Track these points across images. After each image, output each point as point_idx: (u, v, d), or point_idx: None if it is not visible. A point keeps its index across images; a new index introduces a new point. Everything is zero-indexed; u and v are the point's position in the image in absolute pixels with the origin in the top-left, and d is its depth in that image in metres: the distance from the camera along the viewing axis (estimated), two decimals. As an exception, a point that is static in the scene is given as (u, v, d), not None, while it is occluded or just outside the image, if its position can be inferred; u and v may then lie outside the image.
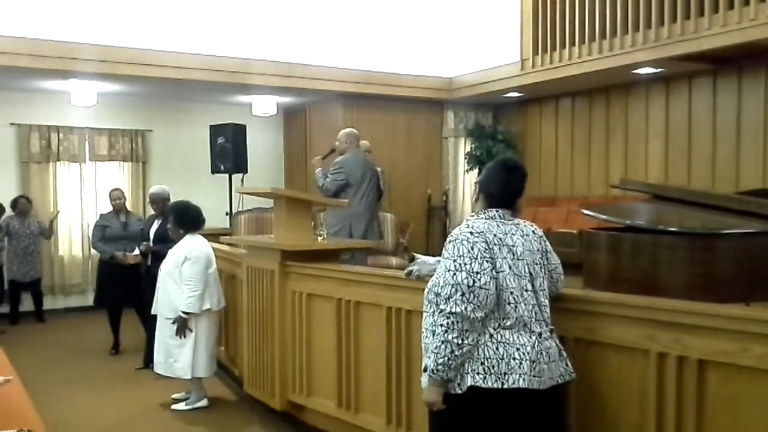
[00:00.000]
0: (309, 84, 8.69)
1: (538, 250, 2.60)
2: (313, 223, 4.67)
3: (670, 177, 8.25)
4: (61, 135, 8.85)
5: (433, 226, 10.01)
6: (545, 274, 2.59)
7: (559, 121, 9.72)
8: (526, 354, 2.39)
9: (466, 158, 10.16)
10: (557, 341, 2.54)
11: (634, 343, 2.54)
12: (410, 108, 9.86)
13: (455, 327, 2.36)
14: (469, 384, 2.38)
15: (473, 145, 10.10)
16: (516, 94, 9.58)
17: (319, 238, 4.56)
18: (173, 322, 4.84)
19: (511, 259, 2.48)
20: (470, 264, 2.40)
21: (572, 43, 8.00)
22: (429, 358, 2.44)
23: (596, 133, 9.19)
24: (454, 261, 2.43)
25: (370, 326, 3.74)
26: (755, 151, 7.43)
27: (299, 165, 10.33)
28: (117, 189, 7.05)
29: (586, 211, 5.08)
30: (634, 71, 7.88)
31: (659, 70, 7.81)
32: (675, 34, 6.88)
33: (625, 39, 7.38)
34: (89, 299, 8.96)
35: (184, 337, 4.85)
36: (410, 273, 3.17)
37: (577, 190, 9.40)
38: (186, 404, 4.99)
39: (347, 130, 6.70)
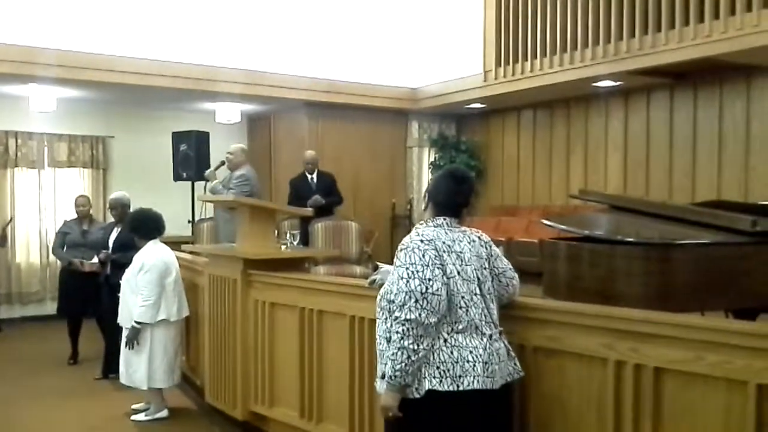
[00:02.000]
0: (273, 92, 8.67)
1: (485, 255, 2.68)
2: (276, 232, 4.65)
3: (628, 188, 8.42)
4: (19, 141, 8.67)
5: (397, 235, 10.02)
6: (492, 278, 2.68)
7: (521, 132, 9.85)
8: (479, 356, 2.48)
9: (430, 168, 10.24)
10: (506, 342, 2.63)
11: (593, 351, 2.58)
12: (375, 117, 9.90)
13: (410, 333, 2.42)
14: (427, 388, 2.45)
15: (437, 155, 10.19)
16: (479, 105, 9.68)
17: (283, 247, 4.55)
18: (129, 334, 4.79)
19: (460, 265, 2.56)
20: (422, 271, 2.48)
21: (534, 56, 8.13)
22: (386, 364, 2.49)
23: (557, 144, 9.33)
24: (407, 269, 2.50)
25: (334, 335, 3.74)
26: (710, 163, 7.63)
27: (263, 174, 10.25)
28: (83, 196, 6.95)
29: (545, 221, 5.14)
30: (594, 84, 8.04)
31: (618, 83, 7.98)
32: (633, 49, 7.05)
33: (586, 53, 7.53)
34: (47, 308, 8.80)
35: (132, 348, 4.77)
36: (373, 282, 3.17)
37: (538, 200, 9.53)
38: (146, 415, 4.92)
39: (240, 145, 7.16)
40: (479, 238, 2.71)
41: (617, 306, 2.89)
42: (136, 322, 4.74)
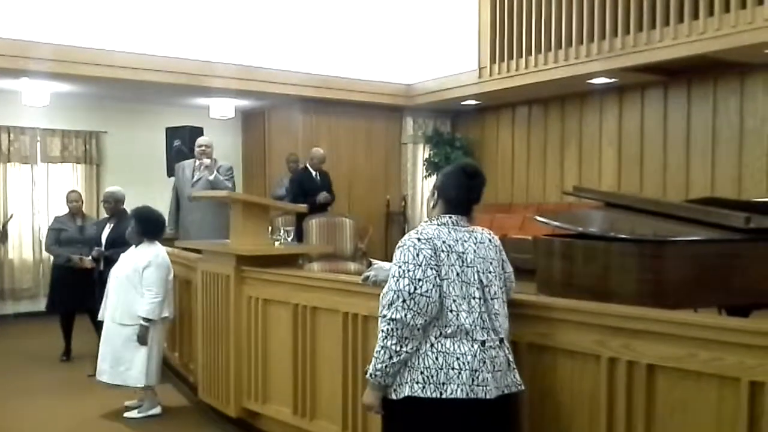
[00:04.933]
0: (268, 87, 8.66)
1: (494, 258, 2.56)
2: (269, 227, 4.64)
3: (623, 185, 8.44)
4: (11, 135, 8.63)
5: (391, 232, 10.04)
6: (501, 282, 2.58)
7: (515, 129, 9.85)
8: (466, 364, 2.36)
9: (424, 164, 10.23)
10: (508, 351, 2.51)
11: (586, 348, 2.57)
12: (369, 113, 9.89)
13: (395, 334, 2.35)
14: (406, 394, 2.37)
15: (432, 152, 10.18)
16: (474, 102, 9.68)
17: (276, 243, 4.53)
18: (139, 331, 4.73)
19: (460, 267, 2.45)
20: (413, 271, 2.38)
21: (529, 53, 8.13)
22: (371, 362, 2.44)
23: (552, 141, 9.34)
24: (399, 267, 2.41)
25: (327, 332, 3.72)
26: (703, 160, 7.65)
27: (257, 169, 10.27)
28: (74, 191, 6.90)
29: (540, 218, 5.14)
30: (589, 81, 8.05)
31: (613, 80, 7.99)
32: (628, 46, 7.05)
33: (580, 49, 7.54)
34: (40, 304, 8.72)
35: (146, 344, 4.74)
36: (367, 278, 3.17)
37: (532, 197, 9.54)
38: (139, 412, 4.90)
39: (209, 139, 7.15)
40: (490, 240, 2.59)
41: (611, 303, 2.89)
42: (144, 318, 4.71)
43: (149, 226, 5.00)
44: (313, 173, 8.12)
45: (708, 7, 6.40)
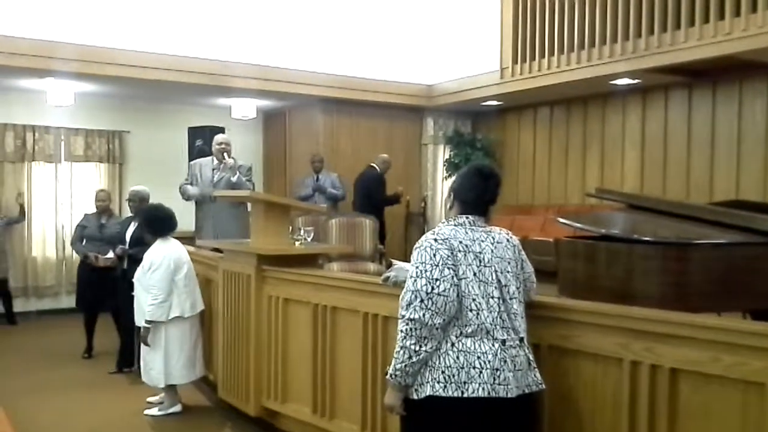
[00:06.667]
0: (289, 88, 8.68)
1: (512, 258, 2.57)
2: (290, 227, 4.65)
3: (645, 187, 8.35)
4: (36, 134, 8.74)
5: (411, 233, 10.01)
6: (519, 282, 2.58)
7: (537, 130, 9.80)
8: (487, 363, 2.37)
9: (444, 165, 10.20)
10: (528, 351, 2.52)
11: (608, 351, 2.55)
12: (390, 114, 9.89)
13: (413, 333, 2.37)
14: (428, 393, 2.39)
15: (452, 153, 10.15)
16: (495, 103, 9.63)
17: (297, 243, 4.54)
18: (142, 332, 4.80)
19: (477, 266, 2.46)
20: (430, 271, 2.40)
21: (551, 53, 8.08)
22: (391, 362, 2.47)
23: (573, 142, 9.27)
24: (416, 268, 2.44)
25: (347, 332, 3.73)
26: (728, 162, 7.55)
27: (278, 169, 10.31)
28: (103, 190, 7.01)
29: (561, 220, 5.11)
30: (612, 82, 7.98)
31: (636, 81, 7.91)
32: (652, 46, 6.98)
33: (603, 50, 7.47)
34: (63, 302, 8.88)
35: (147, 345, 4.78)
36: (387, 279, 3.17)
37: (554, 199, 9.47)
38: (159, 409, 4.93)
39: (228, 136, 7.07)
40: (508, 240, 2.60)
41: (633, 305, 2.86)
42: (146, 321, 4.75)
43: (156, 225, 5.02)
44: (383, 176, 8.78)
45: (734, 7, 6.31)
